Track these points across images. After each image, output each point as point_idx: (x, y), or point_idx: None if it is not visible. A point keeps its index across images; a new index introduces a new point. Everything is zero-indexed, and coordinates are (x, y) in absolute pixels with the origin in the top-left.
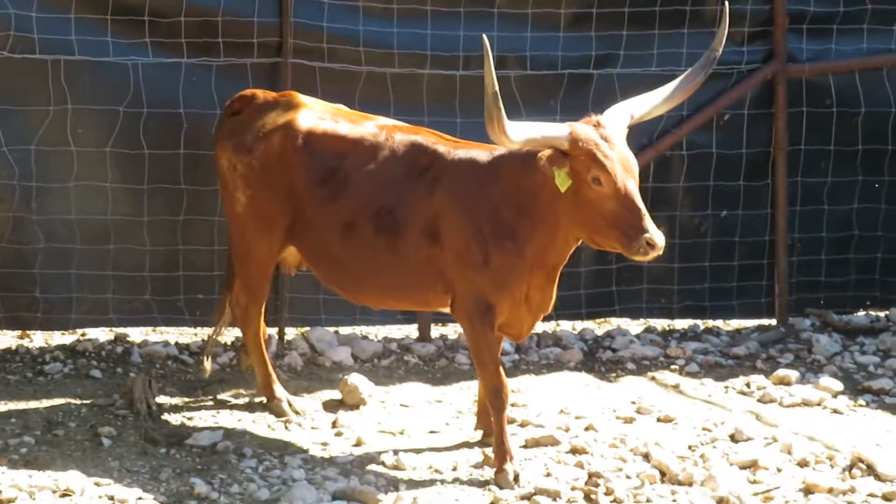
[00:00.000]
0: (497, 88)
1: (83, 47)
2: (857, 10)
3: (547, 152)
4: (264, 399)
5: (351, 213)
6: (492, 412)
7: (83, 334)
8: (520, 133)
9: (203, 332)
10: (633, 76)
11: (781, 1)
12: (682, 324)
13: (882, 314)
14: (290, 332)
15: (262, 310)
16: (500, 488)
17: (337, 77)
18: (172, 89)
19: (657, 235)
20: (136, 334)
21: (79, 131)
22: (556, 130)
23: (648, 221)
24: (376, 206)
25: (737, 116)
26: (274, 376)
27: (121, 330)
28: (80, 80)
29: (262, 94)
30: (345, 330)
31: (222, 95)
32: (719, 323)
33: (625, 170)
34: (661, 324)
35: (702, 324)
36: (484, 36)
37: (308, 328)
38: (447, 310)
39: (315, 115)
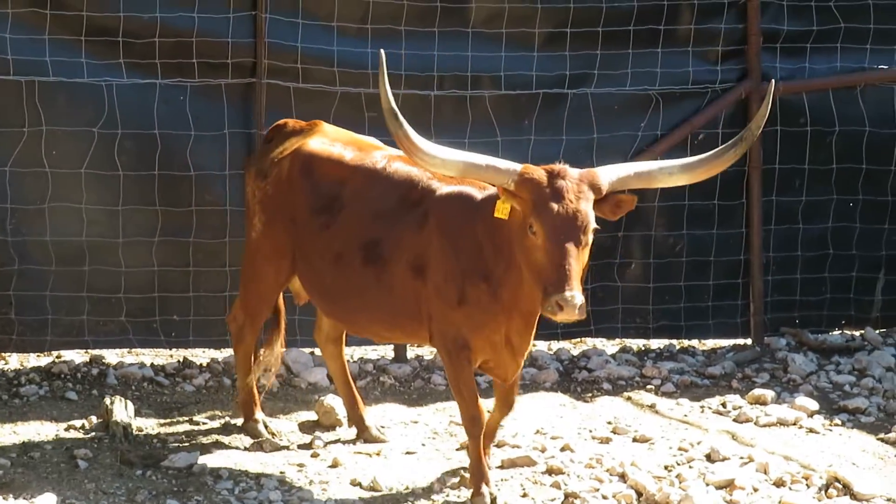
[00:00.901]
0: (393, 105)
1: (57, 68)
2: (831, 28)
3: (501, 187)
4: (241, 419)
5: (342, 243)
6: (468, 438)
7: (59, 356)
8: (452, 155)
9: (178, 354)
10: (608, 95)
11: (755, 20)
12: (657, 343)
13: (857, 333)
14: None
15: (258, 332)
16: None
17: (312, 97)
18: (147, 110)
19: (572, 297)
20: (111, 356)
21: (53, 153)
22: (506, 166)
23: (570, 284)
24: (365, 237)
25: (711, 135)
26: (256, 398)
27: (96, 352)
28: (54, 102)
29: (292, 122)
30: (320, 351)
31: (197, 116)
32: (695, 343)
33: (564, 226)
34: (636, 344)
35: (677, 343)
36: (382, 51)
37: (284, 349)
38: None
39: (324, 141)
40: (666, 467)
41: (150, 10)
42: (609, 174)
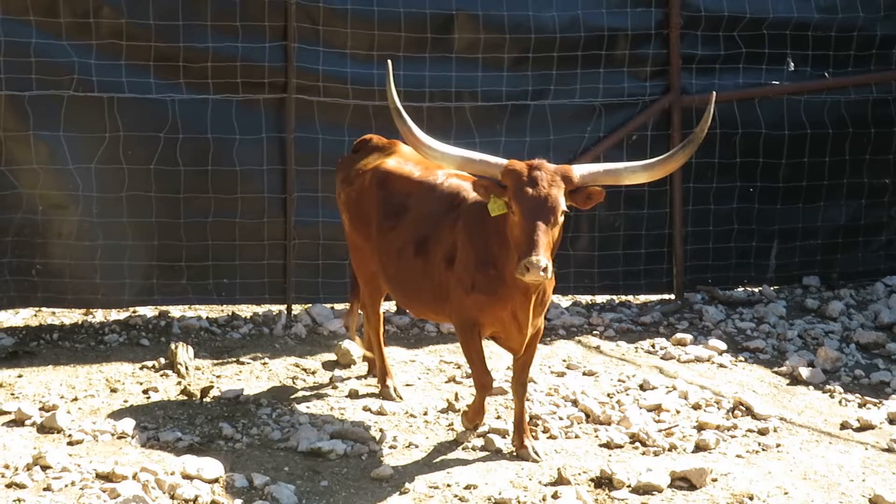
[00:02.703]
0: (398, 104)
1: (131, 87)
2: (735, 52)
3: (484, 181)
4: (378, 384)
5: (403, 240)
6: (476, 393)
7: (134, 311)
8: (450, 150)
9: (227, 309)
10: (562, 106)
11: (676, 46)
12: (601, 298)
13: (756, 289)
14: (296, 308)
15: (377, 310)
16: (462, 426)
17: (330, 108)
18: (202, 119)
19: (538, 261)
20: (175, 311)
21: (128, 153)
22: (495, 160)
23: (538, 251)
24: (419, 235)
25: (642, 137)
26: (389, 368)
27: (164, 308)
28: (129, 113)
29: (377, 139)
30: (339, 306)
31: (241, 123)
32: (630, 298)
33: (537, 206)
34: (585, 298)
35: (617, 298)
36: (389, 61)
37: (310, 305)
38: None
39: (399, 161)
40: (608, 395)
41: (203, 41)
42: (581, 170)
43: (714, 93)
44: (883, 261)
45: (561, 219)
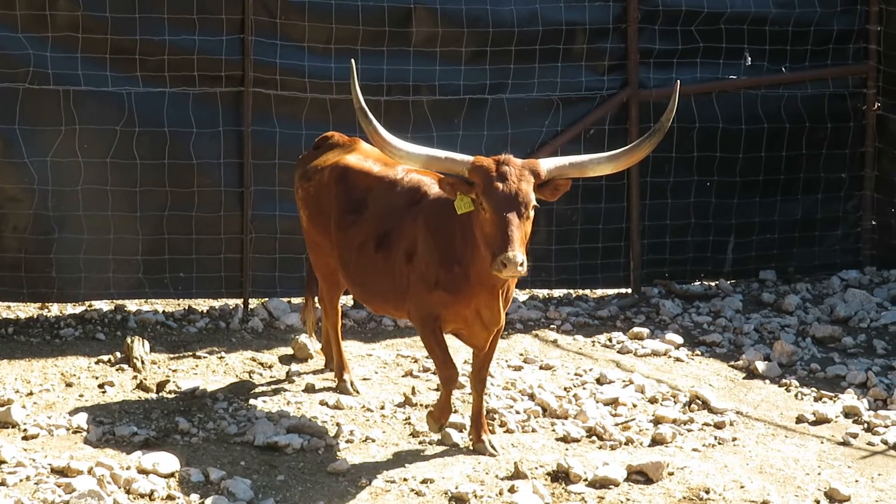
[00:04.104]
0: (363, 104)
1: (87, 79)
2: (692, 47)
3: (450, 179)
4: (336, 379)
5: (364, 235)
6: (442, 388)
7: (90, 305)
8: (415, 150)
9: (184, 303)
10: (519, 100)
11: (634, 41)
12: (558, 292)
13: (713, 284)
14: (253, 303)
15: (336, 305)
16: (427, 427)
17: (288, 102)
18: (158, 112)
19: (514, 255)
20: (131, 305)
21: (84, 146)
22: (461, 157)
23: (513, 246)
24: (380, 229)
25: (599, 131)
26: (346, 363)
27: (119, 302)
28: (85, 106)
29: (337, 136)
30: (296, 300)
31: (197, 117)
32: (587, 291)
33: (507, 201)
34: (542, 292)
35: (574, 292)
36: (352, 60)
37: (267, 299)
38: None
39: (359, 157)
40: (565, 389)
41: (160, 34)
42: (548, 163)
43: (678, 82)
44: (839, 255)
45: (532, 213)
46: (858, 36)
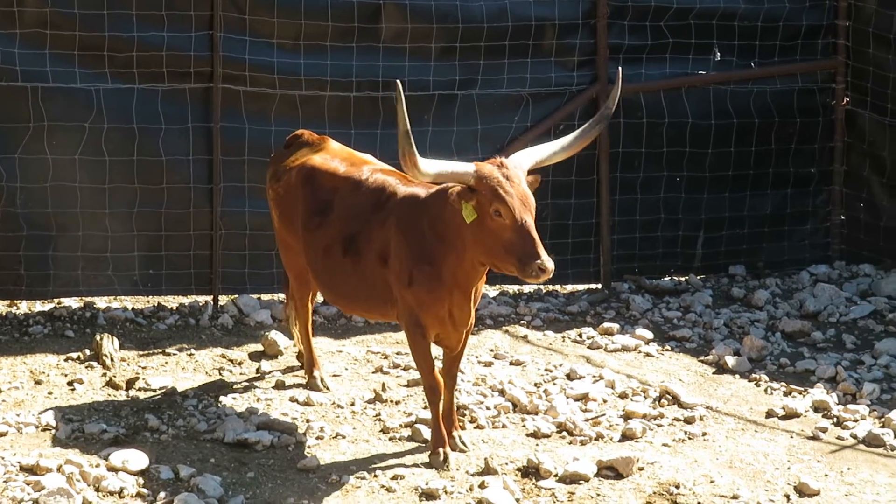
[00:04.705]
0: (409, 127)
1: (56, 76)
2: (661, 42)
3: (456, 188)
4: (306, 375)
5: (330, 238)
6: (429, 405)
7: (59, 302)
8: (431, 167)
9: (153, 300)
10: (489, 96)
11: (603, 36)
12: (528, 288)
13: (683, 279)
14: (223, 299)
15: (305, 304)
16: (432, 467)
17: (257, 98)
18: (127, 109)
19: (548, 261)
20: (101, 302)
21: (53, 143)
22: (464, 168)
23: (541, 249)
24: (346, 233)
25: (569, 127)
26: (316, 360)
27: (89, 299)
28: (53, 103)
29: (307, 134)
30: (266, 296)
31: (166, 113)
32: (557, 287)
33: (522, 205)
34: (512, 288)
35: (544, 288)
36: (398, 82)
37: (237, 295)
38: None
39: (325, 157)
40: (535, 384)
41: (129, 31)
42: (527, 160)
43: (620, 68)
44: (808, 250)
45: None
46: (827, 31)
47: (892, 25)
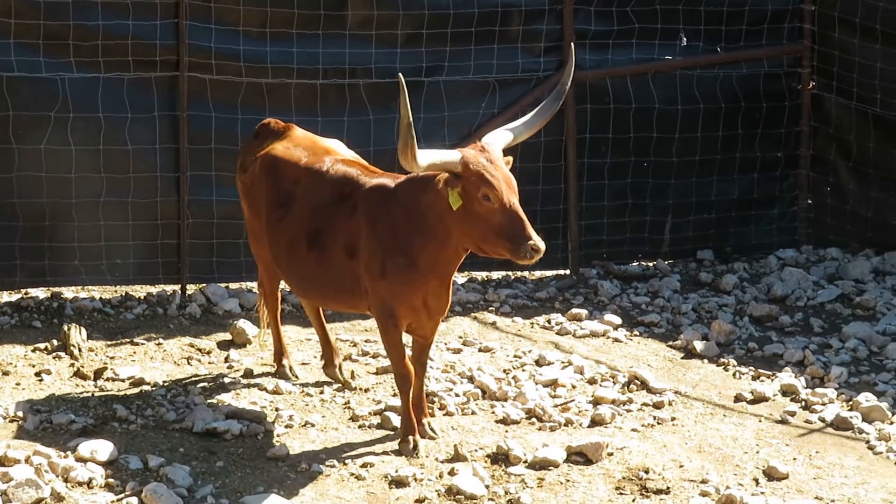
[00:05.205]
0: (411, 120)
1: (21, 65)
2: (628, 28)
3: (444, 176)
4: (274, 364)
5: (292, 233)
6: (399, 394)
7: (26, 293)
8: (425, 159)
9: (121, 290)
10: (455, 82)
11: (570, 22)
12: (497, 274)
13: (651, 264)
14: (191, 288)
15: (276, 293)
16: (401, 455)
17: (223, 86)
18: (93, 98)
19: (539, 241)
20: (68, 292)
21: (18, 132)
22: (450, 156)
23: (531, 230)
24: (309, 228)
25: None
26: (285, 348)
27: (56, 289)
28: (18, 92)
29: (274, 123)
30: (234, 285)
31: (132, 102)
32: (526, 273)
33: (508, 187)
34: (480, 275)
35: (512, 274)
36: (401, 75)
37: (205, 284)
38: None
39: (287, 146)
40: (504, 371)
41: (94, 19)
42: (500, 142)
43: (572, 44)
44: (775, 234)
45: None
46: (793, 15)
47: (857, 9)
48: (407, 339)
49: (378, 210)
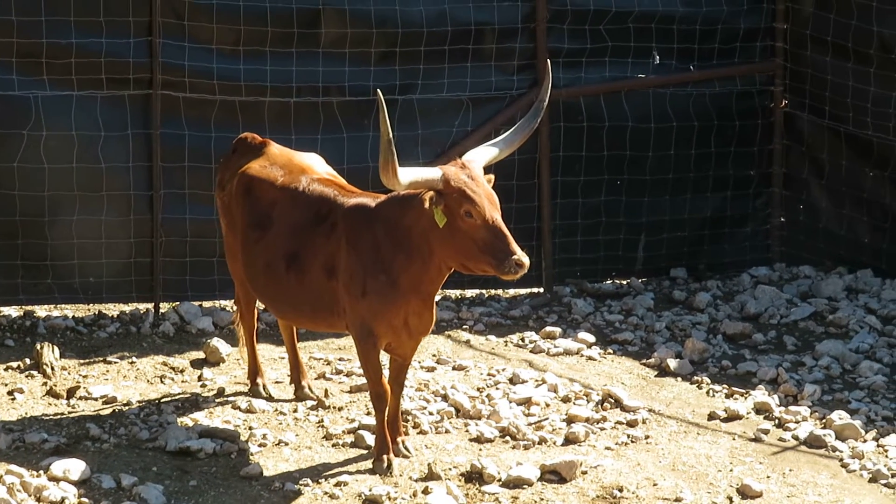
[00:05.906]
0: (391, 136)
1: None
2: (601, 46)
3: (430, 194)
4: (248, 382)
5: (270, 255)
6: (374, 412)
7: None
8: (406, 176)
9: (94, 308)
10: (429, 100)
11: (543, 40)
12: (471, 293)
13: (625, 282)
14: (164, 307)
15: (252, 311)
16: (375, 474)
17: (197, 104)
18: (66, 116)
19: (523, 256)
20: (41, 311)
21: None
22: (431, 173)
23: (514, 245)
24: (287, 249)
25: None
26: (260, 367)
27: (28, 307)
28: None
29: (251, 137)
30: (207, 303)
31: (105, 120)
32: (499, 291)
33: (490, 203)
34: (454, 293)
35: (486, 293)
36: (379, 91)
37: (178, 303)
38: None
39: (263, 164)
40: (478, 389)
41: (67, 37)
42: (481, 159)
43: (548, 60)
44: (749, 252)
45: None
46: (765, 34)
47: (829, 28)
48: (384, 358)
49: (359, 229)
